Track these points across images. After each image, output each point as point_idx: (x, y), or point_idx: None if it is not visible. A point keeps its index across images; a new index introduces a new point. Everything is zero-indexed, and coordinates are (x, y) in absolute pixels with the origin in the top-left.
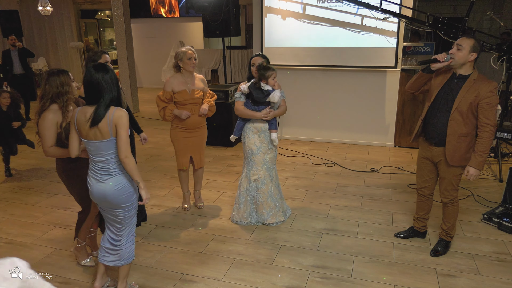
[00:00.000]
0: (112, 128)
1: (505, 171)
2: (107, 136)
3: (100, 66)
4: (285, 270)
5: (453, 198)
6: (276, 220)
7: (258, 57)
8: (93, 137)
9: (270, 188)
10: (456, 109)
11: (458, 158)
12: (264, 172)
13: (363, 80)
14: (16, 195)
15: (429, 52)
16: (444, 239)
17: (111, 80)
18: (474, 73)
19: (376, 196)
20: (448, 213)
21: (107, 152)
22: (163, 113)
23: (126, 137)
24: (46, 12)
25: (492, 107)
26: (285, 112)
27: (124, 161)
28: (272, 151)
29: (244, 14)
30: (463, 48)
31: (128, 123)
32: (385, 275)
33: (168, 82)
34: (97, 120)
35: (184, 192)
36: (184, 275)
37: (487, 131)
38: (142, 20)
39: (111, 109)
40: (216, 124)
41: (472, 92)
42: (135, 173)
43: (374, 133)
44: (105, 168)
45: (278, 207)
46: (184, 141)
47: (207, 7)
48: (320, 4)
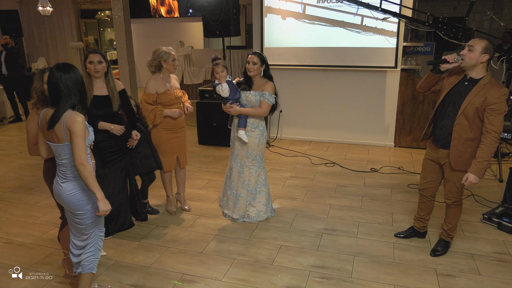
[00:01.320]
0: (65, 132)
1: (505, 171)
2: (62, 141)
3: (61, 66)
4: (285, 270)
5: (456, 200)
6: (229, 214)
7: (253, 55)
8: (51, 140)
9: (233, 182)
10: (462, 113)
11: (462, 163)
12: (233, 165)
13: (363, 80)
14: (16, 195)
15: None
16: (444, 240)
17: (71, 82)
18: (486, 77)
19: (376, 196)
20: (450, 214)
21: (63, 156)
22: (153, 116)
23: (81, 143)
24: (46, 12)
25: (498, 114)
26: (259, 114)
27: (79, 169)
28: (245, 149)
29: (244, 14)
30: (474, 49)
31: (84, 129)
32: (385, 275)
33: (150, 84)
34: (52, 124)
35: (169, 195)
36: (184, 275)
37: (490, 138)
38: (142, 20)
39: (67, 113)
40: (216, 124)
41: (480, 96)
42: (91, 182)
43: (374, 133)
44: (63, 171)
45: (236, 204)
46: (170, 142)
47: (207, 7)
48: (320, 4)
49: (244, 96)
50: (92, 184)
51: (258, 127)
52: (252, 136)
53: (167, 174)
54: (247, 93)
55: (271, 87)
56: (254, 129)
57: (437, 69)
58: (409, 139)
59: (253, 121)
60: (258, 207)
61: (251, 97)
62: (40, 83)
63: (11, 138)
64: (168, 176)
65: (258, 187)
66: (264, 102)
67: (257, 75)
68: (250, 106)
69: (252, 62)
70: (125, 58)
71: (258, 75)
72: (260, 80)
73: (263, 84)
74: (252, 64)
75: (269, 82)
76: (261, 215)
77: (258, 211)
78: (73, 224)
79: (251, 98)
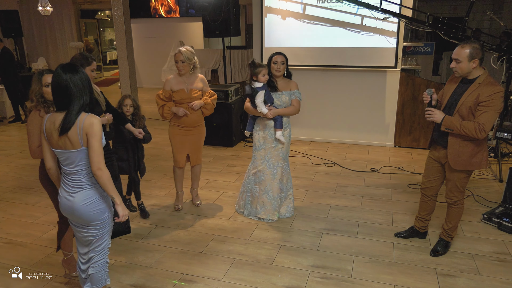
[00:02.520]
0: (82, 137)
1: (505, 171)
2: (78, 146)
3: (68, 67)
4: (285, 270)
5: (458, 199)
6: (268, 217)
7: (280, 55)
8: (63, 147)
9: (268, 185)
10: (457, 112)
11: (462, 163)
12: (265, 169)
13: (363, 80)
14: (16, 195)
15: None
16: (444, 239)
17: (81, 82)
18: (482, 76)
19: (376, 196)
20: (451, 213)
21: (78, 163)
22: (161, 111)
23: (99, 147)
24: (46, 12)
25: (488, 110)
26: (294, 112)
27: (97, 174)
28: (278, 150)
29: (244, 14)
30: (460, 61)
31: (101, 131)
32: (385, 275)
33: (167, 81)
34: (67, 128)
35: (178, 191)
36: (184, 275)
37: (475, 125)
38: (142, 20)
39: (82, 115)
40: (216, 124)
41: (473, 95)
42: (110, 187)
43: (374, 133)
44: (75, 180)
45: (274, 205)
46: (181, 139)
47: (207, 7)
48: (320, 4)
49: (277, 97)
50: (111, 189)
51: (288, 126)
52: (284, 135)
53: (177, 170)
54: (279, 94)
55: (297, 85)
56: (285, 128)
57: (430, 104)
58: (409, 139)
59: (285, 120)
60: (289, 203)
61: (284, 97)
62: (38, 85)
63: (11, 138)
64: (178, 172)
65: (288, 184)
66: (296, 100)
67: (282, 75)
68: (284, 106)
69: (281, 62)
70: (125, 58)
71: (282, 75)
72: (283, 79)
73: (288, 83)
74: (281, 64)
75: (293, 81)
76: (291, 211)
77: (288, 206)
78: (82, 238)
79: (285, 99)
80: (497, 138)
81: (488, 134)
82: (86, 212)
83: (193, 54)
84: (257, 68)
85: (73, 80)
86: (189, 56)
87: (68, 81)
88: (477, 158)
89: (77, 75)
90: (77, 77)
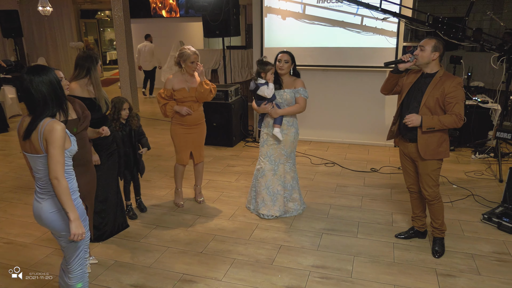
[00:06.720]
0: (43, 142)
1: (505, 171)
2: (40, 152)
3: (32, 69)
4: (285, 270)
5: (436, 194)
6: (267, 213)
7: (285, 54)
8: (29, 151)
9: (269, 181)
10: (424, 105)
11: (431, 152)
12: (266, 164)
13: (363, 80)
14: (16, 195)
15: None
16: (438, 237)
17: (44, 86)
18: (441, 70)
19: (376, 196)
20: (434, 211)
21: (40, 168)
22: (164, 109)
23: (58, 155)
24: (46, 12)
25: (458, 101)
26: (299, 110)
27: (53, 183)
28: (280, 147)
29: (244, 14)
30: (425, 49)
31: (63, 138)
32: (385, 275)
33: (168, 80)
34: (28, 133)
35: (178, 188)
36: (184, 275)
37: (453, 117)
38: (142, 20)
39: (45, 120)
40: (216, 124)
41: (438, 88)
42: (65, 199)
43: (374, 133)
44: (43, 186)
45: (274, 201)
46: (184, 137)
47: (207, 7)
48: (320, 4)
49: (279, 95)
50: (66, 202)
51: (293, 125)
52: (288, 134)
53: (179, 167)
54: (282, 92)
55: (302, 83)
56: (290, 126)
57: (396, 69)
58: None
59: (288, 119)
60: (295, 201)
61: (286, 95)
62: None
63: (11, 138)
64: (179, 169)
65: (293, 182)
66: (301, 98)
67: (287, 73)
68: (286, 104)
69: (284, 61)
70: (125, 58)
71: (288, 73)
72: (289, 78)
73: (293, 81)
74: (284, 62)
75: (299, 79)
76: (299, 209)
77: (295, 204)
78: (60, 247)
79: (286, 96)
80: (497, 138)
81: (488, 134)
82: (53, 221)
83: None
84: (265, 66)
85: (34, 84)
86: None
87: (29, 84)
88: (443, 147)
89: (39, 78)
90: (39, 80)
